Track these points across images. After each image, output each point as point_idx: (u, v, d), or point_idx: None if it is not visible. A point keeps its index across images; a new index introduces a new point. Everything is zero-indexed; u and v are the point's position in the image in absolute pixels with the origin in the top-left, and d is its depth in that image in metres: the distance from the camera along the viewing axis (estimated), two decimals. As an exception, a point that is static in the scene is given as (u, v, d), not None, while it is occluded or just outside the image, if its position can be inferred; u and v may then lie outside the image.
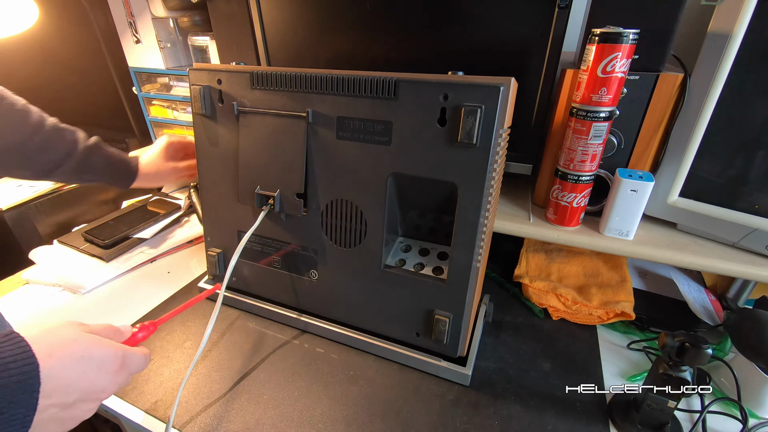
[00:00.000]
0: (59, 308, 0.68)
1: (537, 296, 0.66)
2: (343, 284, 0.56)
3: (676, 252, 0.55)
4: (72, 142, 0.64)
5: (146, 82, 0.95)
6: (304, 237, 0.57)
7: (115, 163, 0.69)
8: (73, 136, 0.65)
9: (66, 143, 0.64)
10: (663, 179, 0.56)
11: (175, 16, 0.87)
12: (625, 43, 0.47)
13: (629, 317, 0.60)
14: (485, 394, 0.51)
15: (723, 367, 0.53)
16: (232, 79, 0.53)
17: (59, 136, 0.63)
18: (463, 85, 0.42)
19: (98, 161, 0.67)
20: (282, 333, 0.61)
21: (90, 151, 0.66)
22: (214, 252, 0.64)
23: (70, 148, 0.64)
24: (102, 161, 0.67)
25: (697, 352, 0.40)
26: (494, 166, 0.43)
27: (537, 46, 0.55)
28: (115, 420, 0.53)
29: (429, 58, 0.62)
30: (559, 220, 0.60)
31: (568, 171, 0.56)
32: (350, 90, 0.47)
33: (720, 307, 0.64)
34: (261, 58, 0.74)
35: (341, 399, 0.50)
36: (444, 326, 0.50)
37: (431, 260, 0.55)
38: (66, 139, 0.64)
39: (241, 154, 0.55)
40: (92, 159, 0.66)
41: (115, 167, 0.69)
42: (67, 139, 0.64)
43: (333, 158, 0.50)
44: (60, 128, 0.64)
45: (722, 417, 0.49)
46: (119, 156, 0.70)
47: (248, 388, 0.52)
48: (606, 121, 0.52)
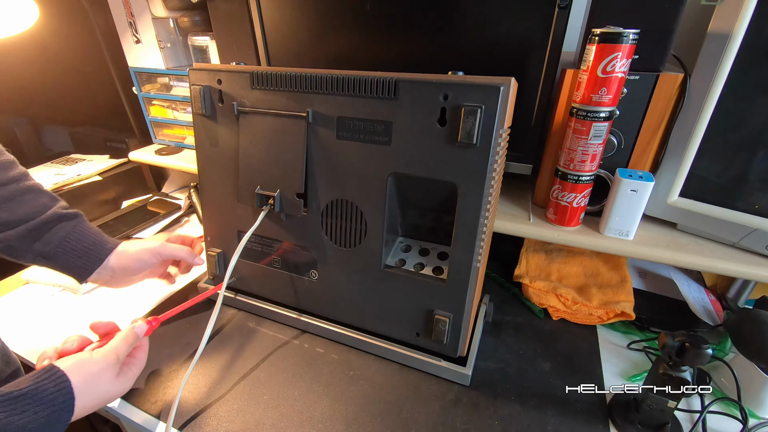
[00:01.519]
0: (59, 308, 0.68)
1: (537, 296, 0.66)
2: (343, 284, 0.56)
3: (676, 252, 0.55)
4: (43, 207, 0.52)
5: (146, 82, 0.95)
6: (304, 237, 0.57)
7: (91, 238, 0.54)
8: (50, 202, 0.53)
9: (33, 207, 0.51)
10: (663, 179, 0.56)
11: (175, 16, 0.87)
12: (625, 43, 0.47)
13: (629, 317, 0.60)
14: (485, 394, 0.51)
15: (723, 367, 0.53)
16: (232, 79, 0.53)
17: (31, 197, 0.51)
18: (463, 85, 0.42)
19: (64, 232, 0.52)
20: (282, 333, 0.61)
21: (61, 219, 0.52)
22: (214, 252, 0.64)
23: (36, 211, 0.51)
24: (71, 233, 0.52)
25: (697, 352, 0.40)
26: (494, 166, 0.43)
27: (537, 46, 0.55)
28: (115, 420, 0.53)
29: (429, 58, 0.62)
30: (559, 220, 0.60)
31: (568, 171, 0.56)
32: (350, 90, 0.47)
33: (720, 307, 0.64)
34: (261, 58, 0.74)
35: (341, 399, 0.50)
36: (444, 326, 0.50)
37: (431, 260, 0.55)
38: (36, 203, 0.51)
39: (241, 154, 0.55)
40: (59, 228, 0.52)
41: (88, 244, 0.54)
42: (38, 203, 0.52)
43: (333, 158, 0.50)
44: (38, 190, 0.52)
45: (722, 417, 0.49)
46: (99, 233, 0.56)
47: (248, 388, 0.52)
48: (606, 121, 0.52)
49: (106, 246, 0.55)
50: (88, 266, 0.54)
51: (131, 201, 1.01)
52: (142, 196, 1.03)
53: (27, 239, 0.50)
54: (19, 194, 0.51)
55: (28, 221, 0.50)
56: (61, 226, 0.52)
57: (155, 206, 0.96)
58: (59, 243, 0.51)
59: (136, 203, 0.98)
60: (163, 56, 0.89)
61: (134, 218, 0.90)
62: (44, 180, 0.93)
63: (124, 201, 1.02)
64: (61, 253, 0.52)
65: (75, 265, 0.53)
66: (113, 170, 1.03)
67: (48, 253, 0.51)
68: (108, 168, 1.03)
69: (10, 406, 0.33)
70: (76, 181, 0.95)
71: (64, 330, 0.63)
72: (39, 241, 0.51)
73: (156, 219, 0.90)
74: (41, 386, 0.35)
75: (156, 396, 0.51)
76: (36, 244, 0.51)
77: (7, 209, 0.49)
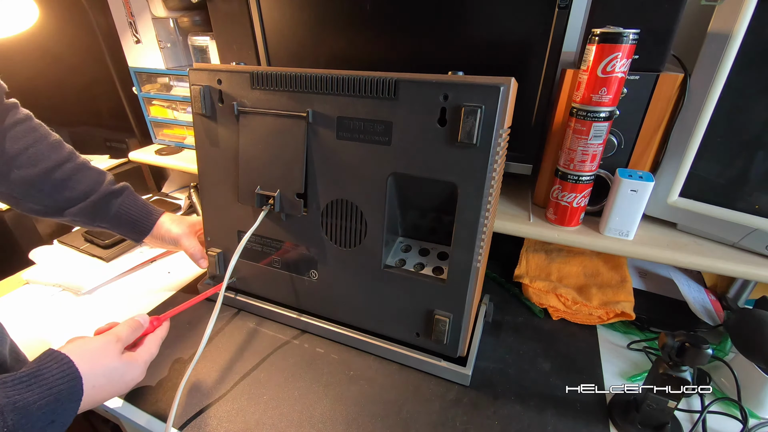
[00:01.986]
0: (59, 308, 0.68)
1: (537, 296, 0.66)
2: (343, 284, 0.56)
3: (676, 252, 0.55)
4: (96, 183, 0.60)
5: (146, 82, 0.95)
6: (304, 237, 0.57)
7: (136, 212, 0.64)
8: (99, 177, 0.61)
9: (88, 183, 0.59)
10: (663, 179, 0.56)
11: (175, 16, 0.87)
12: (625, 43, 0.47)
13: (629, 317, 0.60)
14: (485, 394, 0.51)
15: (723, 367, 0.53)
16: (232, 79, 0.53)
17: (84, 174, 0.59)
18: (463, 85, 0.42)
19: (116, 207, 0.61)
20: (282, 333, 0.61)
21: (112, 196, 0.61)
22: (214, 252, 0.64)
23: (91, 188, 0.59)
24: (120, 208, 0.62)
25: (697, 352, 0.40)
26: (494, 166, 0.43)
27: (537, 46, 0.55)
28: (115, 420, 0.53)
29: (429, 58, 0.62)
30: (559, 220, 0.60)
31: (568, 171, 0.56)
32: (350, 90, 0.47)
33: (720, 307, 0.64)
34: (261, 58, 0.74)
35: (341, 399, 0.50)
36: (444, 326, 0.50)
37: (431, 260, 0.55)
38: (89, 180, 0.60)
39: (241, 154, 0.55)
40: (111, 204, 0.61)
41: (135, 216, 0.63)
42: (91, 179, 0.60)
43: (333, 158, 0.50)
44: (87, 167, 0.60)
45: (722, 417, 0.49)
46: (143, 205, 0.65)
47: (248, 388, 0.52)
48: (606, 121, 0.52)
49: (151, 217, 0.65)
50: (139, 235, 0.64)
51: (131, 201, 1.01)
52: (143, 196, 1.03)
53: (86, 216, 0.60)
54: (75, 173, 0.58)
55: (86, 198, 0.59)
56: (115, 200, 0.61)
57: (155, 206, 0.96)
58: (114, 216, 0.61)
59: (136, 203, 0.98)
60: (163, 56, 0.89)
61: (134, 218, 0.90)
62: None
63: (124, 201, 1.02)
64: (115, 223, 0.62)
65: (128, 232, 0.64)
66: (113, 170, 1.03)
67: (104, 224, 0.62)
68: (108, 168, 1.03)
69: (18, 386, 0.34)
70: (76, 181, 0.95)
71: (64, 330, 0.63)
72: (96, 214, 0.60)
73: (156, 219, 0.90)
74: (45, 366, 0.36)
75: (156, 396, 0.51)
76: (94, 216, 0.60)
77: (69, 188, 0.58)
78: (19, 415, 0.32)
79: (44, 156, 0.56)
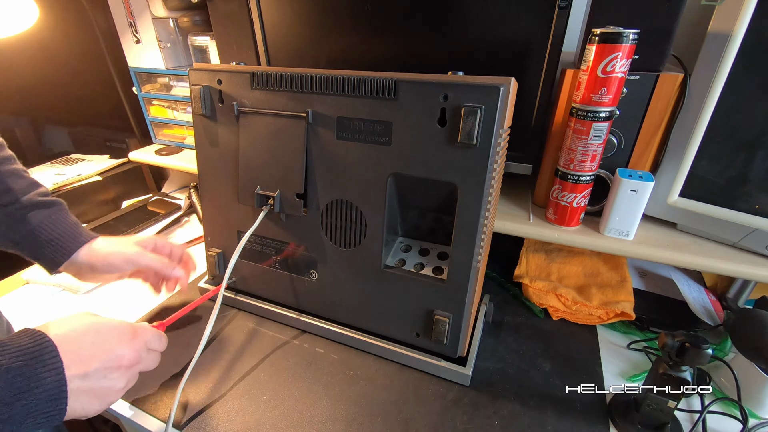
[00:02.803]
0: (59, 308, 0.68)
1: (537, 296, 0.66)
2: (343, 284, 0.56)
3: (676, 252, 0.55)
4: (21, 192, 0.50)
5: (146, 82, 0.95)
6: (304, 237, 0.57)
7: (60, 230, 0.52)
8: (29, 187, 0.51)
9: (11, 190, 0.49)
10: (663, 179, 0.56)
11: (175, 16, 0.87)
12: (625, 43, 0.47)
13: (629, 317, 0.60)
14: (485, 394, 0.51)
15: (723, 367, 0.53)
16: (232, 79, 0.53)
17: (12, 180, 0.50)
18: (463, 85, 0.42)
19: (36, 221, 0.50)
20: (282, 333, 0.61)
21: (36, 207, 0.51)
22: (214, 252, 0.64)
23: (13, 196, 0.50)
24: (41, 223, 0.51)
25: (697, 352, 0.40)
26: (494, 166, 0.43)
27: (537, 46, 0.55)
28: (115, 420, 0.53)
29: (429, 58, 0.62)
30: (559, 220, 0.60)
31: (568, 171, 0.56)
32: (350, 90, 0.47)
33: (720, 307, 0.64)
34: (261, 58, 0.74)
35: (341, 399, 0.50)
36: (444, 326, 0.50)
37: (431, 260, 0.55)
38: (16, 186, 0.50)
39: (241, 154, 0.55)
40: (31, 216, 0.50)
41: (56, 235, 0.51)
42: (18, 186, 0.50)
43: (333, 158, 0.50)
44: (19, 175, 0.51)
45: (722, 417, 0.49)
46: (74, 225, 0.53)
47: (248, 388, 0.52)
48: (606, 121, 0.52)
49: (78, 239, 0.52)
50: (57, 258, 0.51)
51: (131, 201, 1.01)
52: (142, 196, 1.03)
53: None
54: (1, 178, 0.49)
55: (5, 206, 0.48)
56: (35, 213, 0.50)
57: (155, 206, 0.96)
58: (29, 232, 0.50)
59: (136, 203, 0.98)
60: (163, 56, 0.89)
61: (134, 218, 0.90)
62: (44, 180, 0.93)
63: (124, 201, 1.02)
64: (31, 242, 0.50)
65: (43, 256, 0.51)
66: (113, 170, 1.03)
67: (17, 241, 0.49)
68: (108, 168, 1.03)
69: None
70: (76, 181, 0.95)
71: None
72: (10, 227, 0.49)
73: (156, 219, 0.90)
74: (15, 336, 0.33)
75: (156, 396, 0.51)
76: (7, 229, 0.49)
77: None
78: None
79: None
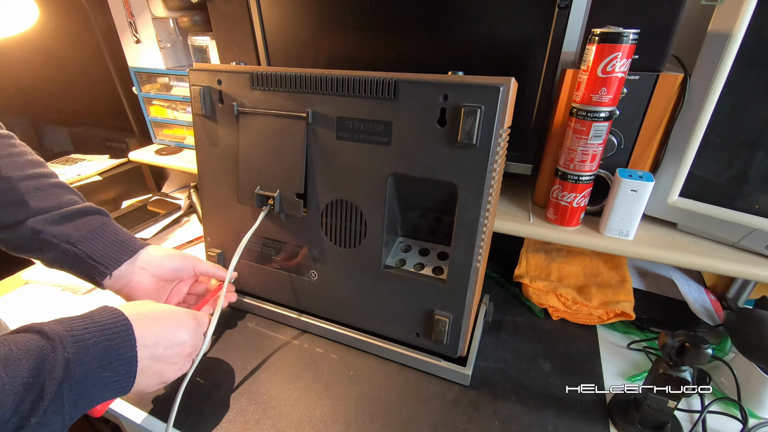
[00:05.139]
0: (59, 308, 0.68)
1: (537, 296, 0.66)
2: (343, 284, 0.56)
3: (676, 252, 0.55)
4: (72, 201, 0.50)
5: (146, 82, 0.95)
6: (303, 237, 0.57)
7: (122, 234, 0.52)
8: (79, 199, 0.52)
9: (64, 198, 0.50)
10: (663, 179, 0.56)
11: (175, 16, 0.87)
12: (625, 43, 0.47)
13: (629, 317, 0.60)
14: (485, 394, 0.51)
15: (723, 367, 0.53)
16: (232, 79, 0.53)
17: (62, 190, 0.50)
18: (463, 85, 0.42)
19: (96, 223, 0.50)
20: (282, 333, 0.61)
21: (93, 212, 0.51)
22: (214, 252, 0.64)
23: (67, 202, 0.50)
24: (102, 225, 0.51)
25: (697, 352, 0.40)
26: (494, 166, 0.43)
27: (537, 46, 0.55)
28: (116, 420, 0.53)
29: (429, 58, 0.62)
30: (559, 220, 0.60)
31: (568, 171, 0.56)
32: (350, 90, 0.47)
33: (720, 307, 0.64)
34: (261, 58, 0.74)
35: (341, 399, 0.50)
36: (444, 326, 0.50)
37: (431, 260, 0.55)
38: (67, 196, 0.50)
39: (241, 154, 0.55)
40: (90, 218, 0.50)
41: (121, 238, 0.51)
42: (69, 196, 0.51)
43: (333, 158, 0.50)
44: (68, 188, 0.51)
45: (722, 417, 0.49)
46: (126, 233, 0.53)
47: (248, 388, 0.52)
48: (606, 121, 0.52)
49: (133, 241, 0.53)
50: (119, 256, 0.50)
51: (131, 201, 1.01)
52: (142, 196, 1.03)
53: (56, 224, 0.47)
54: (50, 187, 0.49)
55: (60, 209, 0.48)
56: (95, 218, 0.51)
57: (155, 206, 0.96)
58: (92, 230, 0.49)
59: (136, 203, 0.98)
60: (163, 56, 0.89)
61: (134, 218, 0.90)
62: (44, 180, 0.93)
63: (124, 201, 1.02)
64: (92, 238, 0.49)
65: (100, 255, 0.49)
66: (113, 170, 1.03)
67: (77, 238, 0.48)
68: (108, 168, 1.03)
69: (74, 322, 0.36)
70: (76, 181, 0.95)
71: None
72: (71, 225, 0.48)
73: (156, 219, 0.90)
74: (96, 312, 0.38)
75: (156, 396, 0.51)
76: (67, 227, 0.48)
77: (39, 198, 0.48)
78: (77, 347, 0.34)
79: (17, 166, 0.48)
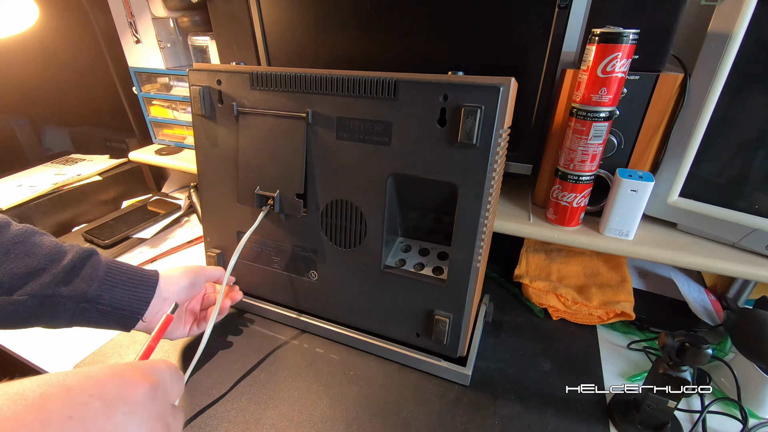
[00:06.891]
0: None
1: (537, 296, 0.66)
2: (343, 285, 0.56)
3: (676, 252, 0.55)
4: (56, 245, 0.43)
5: (146, 82, 0.95)
6: (303, 237, 0.57)
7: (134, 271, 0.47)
8: (58, 242, 0.44)
9: (50, 247, 0.42)
10: (663, 179, 0.56)
11: (175, 16, 0.87)
12: (625, 43, 0.47)
13: (629, 317, 0.60)
14: (485, 394, 0.51)
15: (723, 367, 0.53)
16: (232, 79, 0.53)
17: (41, 239, 0.42)
18: (462, 85, 0.42)
19: (103, 267, 0.44)
20: (282, 333, 0.61)
21: (91, 254, 0.44)
22: (213, 252, 0.64)
23: (52, 253, 0.42)
24: (108, 267, 0.45)
25: (697, 352, 0.40)
26: (494, 166, 0.43)
27: (537, 46, 0.55)
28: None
29: (429, 58, 0.62)
30: (559, 220, 0.60)
31: (568, 171, 0.56)
32: (350, 90, 0.47)
33: (720, 307, 0.64)
34: (261, 58, 0.74)
35: (341, 399, 0.50)
36: (444, 326, 0.50)
37: (431, 260, 0.55)
38: (49, 243, 0.43)
39: (241, 154, 0.55)
40: (95, 264, 0.44)
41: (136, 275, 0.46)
42: (50, 242, 0.43)
43: (333, 158, 0.50)
44: (41, 233, 0.43)
45: (722, 417, 0.49)
46: (128, 266, 0.47)
47: (248, 388, 0.52)
48: (606, 121, 0.52)
49: (147, 273, 0.48)
50: (143, 296, 0.46)
51: (131, 201, 1.01)
52: (142, 196, 1.03)
53: (63, 283, 0.41)
54: (29, 235, 0.41)
55: (55, 262, 0.41)
56: (95, 260, 0.44)
57: (155, 206, 0.96)
58: (103, 278, 0.43)
59: (136, 203, 0.98)
60: (163, 56, 0.89)
61: (134, 218, 0.90)
62: (44, 180, 0.93)
63: (124, 201, 1.02)
64: (109, 288, 0.43)
65: (126, 301, 0.44)
66: (113, 170, 1.03)
67: (93, 294, 0.42)
68: (108, 168, 1.03)
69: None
70: (76, 181, 0.95)
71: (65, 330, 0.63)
72: (81, 280, 0.42)
73: (156, 219, 0.90)
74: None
75: (156, 396, 0.51)
76: (78, 285, 0.41)
77: (26, 255, 0.40)
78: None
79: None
